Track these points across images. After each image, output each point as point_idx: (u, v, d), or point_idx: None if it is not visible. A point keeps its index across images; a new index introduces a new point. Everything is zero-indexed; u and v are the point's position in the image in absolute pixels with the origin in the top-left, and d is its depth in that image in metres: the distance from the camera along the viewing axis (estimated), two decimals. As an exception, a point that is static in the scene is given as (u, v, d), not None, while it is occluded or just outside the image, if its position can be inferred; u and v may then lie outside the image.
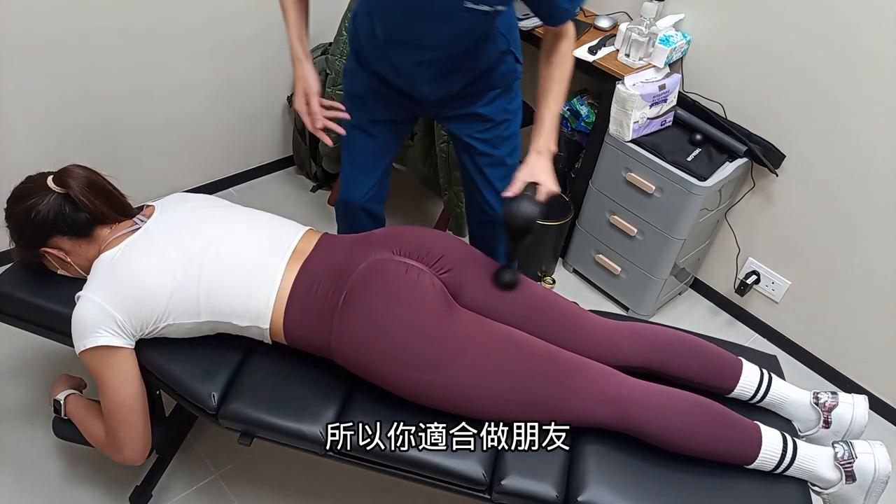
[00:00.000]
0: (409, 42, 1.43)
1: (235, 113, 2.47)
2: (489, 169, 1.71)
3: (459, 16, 1.33)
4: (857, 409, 1.40)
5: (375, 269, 1.31)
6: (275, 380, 1.38)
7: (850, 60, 1.83)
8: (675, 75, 2.09)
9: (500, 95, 1.63)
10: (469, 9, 1.31)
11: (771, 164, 2.06)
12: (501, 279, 1.41)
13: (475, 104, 1.63)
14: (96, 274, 1.31)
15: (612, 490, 1.27)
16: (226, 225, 1.39)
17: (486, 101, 1.62)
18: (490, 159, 1.69)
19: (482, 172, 1.72)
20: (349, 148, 1.74)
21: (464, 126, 1.67)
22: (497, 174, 1.72)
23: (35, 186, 1.36)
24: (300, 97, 1.53)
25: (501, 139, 1.69)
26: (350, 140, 1.71)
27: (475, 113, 1.64)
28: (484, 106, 1.63)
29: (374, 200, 1.80)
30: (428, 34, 1.39)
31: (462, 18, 1.34)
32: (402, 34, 1.42)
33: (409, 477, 1.33)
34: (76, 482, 1.68)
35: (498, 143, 1.68)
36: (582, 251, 2.42)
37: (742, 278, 2.30)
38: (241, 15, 2.25)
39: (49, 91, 1.97)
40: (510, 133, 1.70)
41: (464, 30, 1.40)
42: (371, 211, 1.81)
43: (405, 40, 1.43)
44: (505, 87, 1.63)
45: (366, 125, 1.66)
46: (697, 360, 1.42)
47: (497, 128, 1.66)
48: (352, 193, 1.77)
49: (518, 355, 1.30)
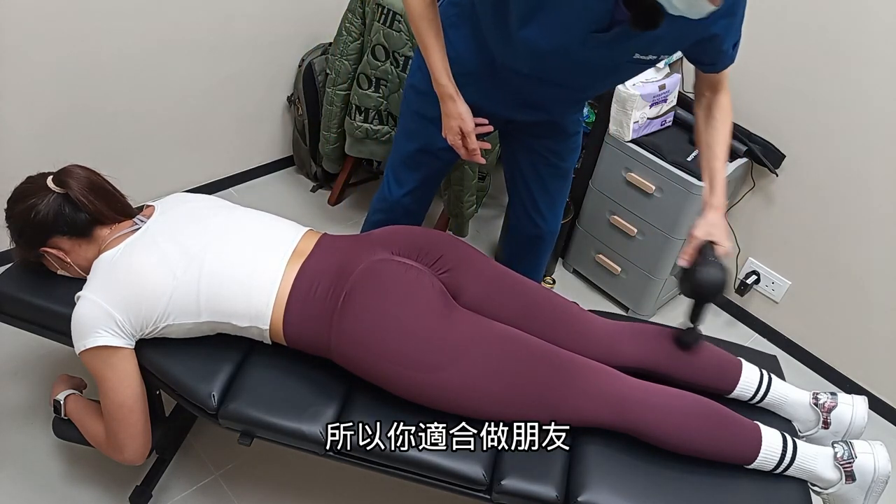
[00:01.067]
0: (561, 84, 1.40)
1: (235, 113, 2.47)
2: (552, 179, 1.69)
3: (625, 66, 1.33)
4: (856, 410, 1.40)
5: (375, 270, 1.31)
6: (275, 380, 1.38)
7: (851, 60, 1.83)
8: (675, 75, 2.09)
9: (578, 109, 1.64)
10: (637, 60, 1.29)
11: (771, 164, 2.06)
12: (684, 340, 1.41)
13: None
14: (96, 274, 1.31)
15: (612, 490, 1.27)
16: (226, 225, 1.39)
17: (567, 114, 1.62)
18: (555, 170, 1.68)
19: (543, 182, 1.70)
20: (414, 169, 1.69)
21: (541, 137, 1.63)
22: (557, 185, 1.71)
23: (35, 186, 1.36)
24: (455, 134, 1.45)
25: (570, 151, 1.68)
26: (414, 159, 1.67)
27: (554, 123, 1.60)
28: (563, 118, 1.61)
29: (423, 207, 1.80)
30: (588, 80, 1.39)
31: (627, 69, 1.35)
32: (556, 77, 1.38)
33: (409, 477, 1.33)
34: (76, 482, 1.67)
35: (566, 154, 1.67)
36: (582, 251, 2.42)
37: (742, 278, 2.30)
38: (241, 15, 2.25)
39: (49, 91, 1.97)
40: (577, 145, 1.69)
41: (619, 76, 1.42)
42: (412, 210, 1.79)
43: (557, 82, 1.40)
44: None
45: (435, 150, 1.61)
46: (697, 361, 1.42)
47: (570, 139, 1.66)
48: (394, 191, 1.73)
49: (518, 355, 1.29)
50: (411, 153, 1.66)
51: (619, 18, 1.19)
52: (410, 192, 1.72)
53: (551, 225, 1.81)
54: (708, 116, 1.43)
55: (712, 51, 1.32)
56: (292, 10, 2.37)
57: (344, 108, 2.31)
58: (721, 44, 1.30)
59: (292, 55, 2.47)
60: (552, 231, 1.83)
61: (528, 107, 1.50)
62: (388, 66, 2.11)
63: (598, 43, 1.24)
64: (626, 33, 1.20)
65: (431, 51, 1.39)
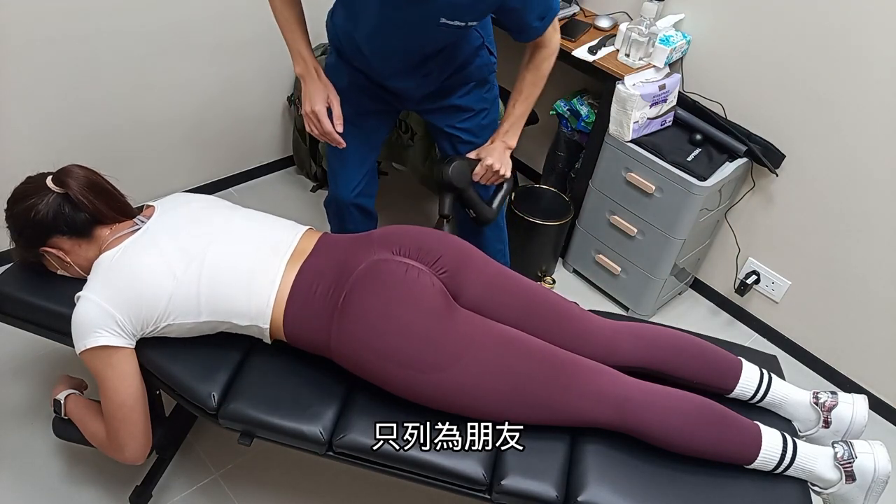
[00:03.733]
0: (385, 48, 1.49)
1: (235, 113, 2.47)
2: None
3: (435, 29, 1.40)
4: (856, 409, 1.40)
5: (375, 270, 1.31)
6: (275, 380, 1.38)
7: (850, 60, 1.83)
8: (675, 75, 2.09)
9: (477, 87, 1.72)
10: (444, 24, 1.37)
11: (771, 164, 2.06)
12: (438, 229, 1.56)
13: (452, 96, 1.70)
14: (96, 274, 1.31)
15: (612, 490, 1.27)
16: (226, 225, 1.39)
17: (464, 93, 1.71)
18: (472, 147, 1.75)
19: None
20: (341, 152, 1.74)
21: (444, 118, 1.74)
22: None
23: (35, 186, 1.36)
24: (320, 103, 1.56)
25: (482, 128, 1.76)
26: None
27: (454, 105, 1.71)
28: (461, 97, 1.70)
29: (363, 196, 1.83)
30: (407, 44, 1.47)
31: (437, 31, 1.41)
32: (379, 42, 1.48)
33: (409, 477, 1.33)
34: (76, 482, 1.68)
35: (478, 131, 1.76)
36: (582, 251, 2.42)
37: (742, 278, 2.30)
38: (241, 15, 2.25)
39: (49, 91, 1.98)
40: (489, 121, 1.78)
41: (439, 40, 1.48)
42: (362, 206, 1.84)
43: (382, 47, 1.49)
44: (481, 79, 1.72)
45: (352, 117, 1.67)
46: (697, 361, 1.42)
47: (476, 117, 1.75)
48: (342, 190, 1.80)
49: (518, 355, 1.30)
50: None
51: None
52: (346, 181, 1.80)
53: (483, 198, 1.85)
54: (523, 68, 1.60)
55: (517, 21, 1.47)
56: (292, 10, 2.37)
57: (344, 108, 2.31)
58: (523, 16, 1.45)
59: (292, 55, 2.47)
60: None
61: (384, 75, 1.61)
62: (388, 66, 2.11)
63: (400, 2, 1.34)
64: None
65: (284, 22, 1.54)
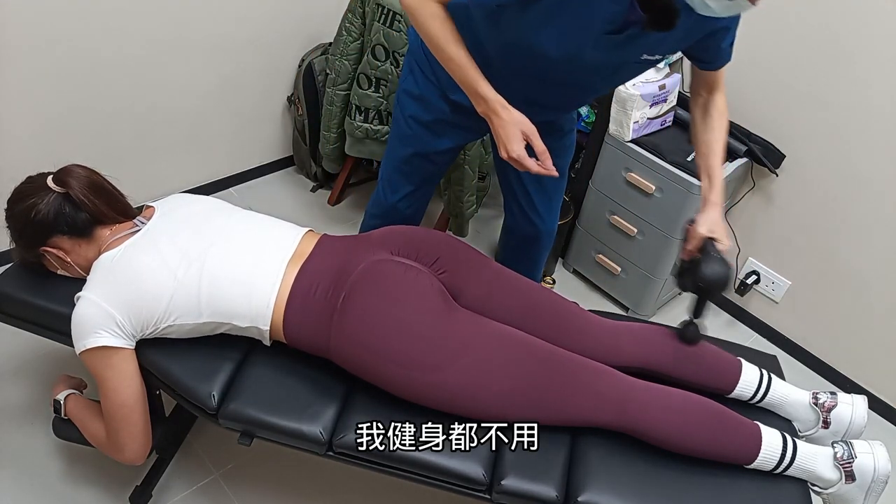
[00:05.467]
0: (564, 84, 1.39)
1: (235, 113, 2.47)
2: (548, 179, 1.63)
3: (631, 67, 1.34)
4: (856, 410, 1.40)
5: (374, 270, 1.31)
6: (275, 380, 1.38)
7: (851, 60, 1.83)
8: (675, 75, 2.09)
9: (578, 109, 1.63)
10: (644, 60, 1.29)
11: (771, 164, 2.06)
12: (686, 335, 1.41)
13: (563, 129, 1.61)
14: (96, 274, 1.31)
15: (612, 490, 1.27)
16: (226, 226, 1.39)
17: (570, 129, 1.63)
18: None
19: (539, 181, 1.68)
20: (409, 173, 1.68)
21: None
22: (554, 184, 1.70)
23: (35, 186, 1.36)
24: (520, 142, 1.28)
25: (565, 148, 1.66)
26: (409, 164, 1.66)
27: (551, 122, 1.54)
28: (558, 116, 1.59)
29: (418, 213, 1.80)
30: (592, 81, 1.38)
31: (632, 69, 1.36)
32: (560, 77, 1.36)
33: (409, 477, 1.33)
34: (76, 482, 1.67)
35: (562, 152, 1.65)
36: (582, 251, 2.42)
37: (742, 278, 2.30)
38: (241, 15, 2.25)
39: (49, 91, 1.97)
40: (572, 143, 1.68)
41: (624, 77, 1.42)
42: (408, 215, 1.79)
43: (560, 82, 1.38)
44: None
45: (431, 154, 1.61)
46: (697, 361, 1.42)
47: (565, 137, 1.64)
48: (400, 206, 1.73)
49: (518, 355, 1.29)
50: (406, 158, 1.65)
51: (632, 20, 1.19)
52: (405, 196, 1.71)
53: (549, 224, 1.80)
54: (705, 115, 1.45)
55: (713, 48, 1.35)
56: (292, 10, 2.37)
57: (344, 108, 2.31)
58: (722, 40, 1.33)
59: (292, 55, 2.47)
60: (550, 230, 1.82)
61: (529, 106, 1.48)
62: (388, 66, 2.11)
63: (609, 44, 1.23)
64: (638, 34, 1.21)
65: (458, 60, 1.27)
